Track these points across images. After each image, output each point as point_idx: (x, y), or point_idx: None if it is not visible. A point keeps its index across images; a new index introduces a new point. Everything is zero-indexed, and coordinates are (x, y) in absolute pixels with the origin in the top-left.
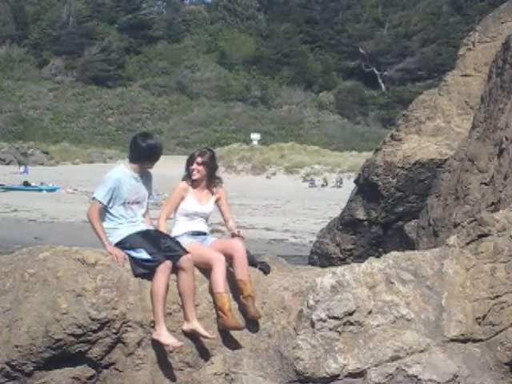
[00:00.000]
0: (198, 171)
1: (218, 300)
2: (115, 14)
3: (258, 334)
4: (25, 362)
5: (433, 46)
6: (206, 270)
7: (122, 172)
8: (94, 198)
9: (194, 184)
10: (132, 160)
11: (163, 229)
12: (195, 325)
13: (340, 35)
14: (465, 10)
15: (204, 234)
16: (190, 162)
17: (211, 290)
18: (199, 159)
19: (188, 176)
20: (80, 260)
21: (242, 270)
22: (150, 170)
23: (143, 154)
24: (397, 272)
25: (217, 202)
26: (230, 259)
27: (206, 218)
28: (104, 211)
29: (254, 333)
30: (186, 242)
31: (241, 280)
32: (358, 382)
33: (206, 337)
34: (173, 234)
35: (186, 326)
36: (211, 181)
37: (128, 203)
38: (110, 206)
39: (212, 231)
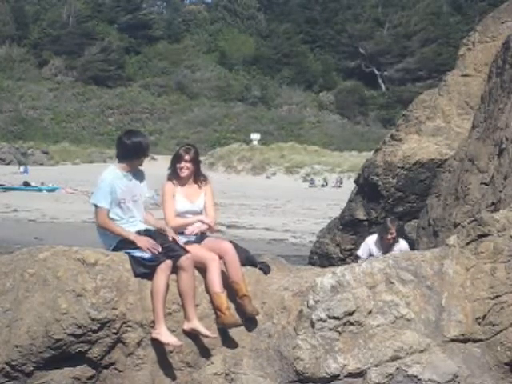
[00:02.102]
0: (187, 168)
1: (215, 300)
2: (115, 14)
3: (258, 333)
4: (25, 362)
5: (433, 46)
6: (201, 269)
7: (113, 173)
8: (96, 206)
9: (182, 182)
10: (120, 159)
11: (179, 223)
12: (196, 324)
13: (340, 35)
14: (465, 9)
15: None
16: (176, 160)
17: (208, 290)
18: (187, 157)
19: (174, 175)
20: (80, 260)
21: (234, 271)
22: (143, 169)
23: (129, 152)
24: (397, 272)
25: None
26: (220, 259)
27: (198, 215)
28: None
29: (254, 333)
30: (181, 241)
31: (234, 281)
32: (358, 381)
33: (206, 336)
34: None
35: (187, 326)
36: (198, 176)
37: (124, 203)
38: None
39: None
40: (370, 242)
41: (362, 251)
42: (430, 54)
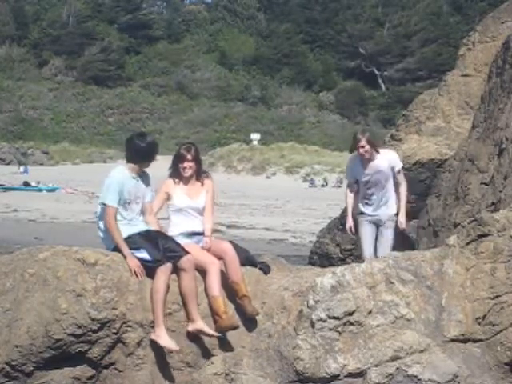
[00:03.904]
0: (190, 167)
1: (212, 303)
2: (115, 14)
3: (258, 333)
4: (25, 362)
5: (433, 46)
6: (200, 271)
7: (122, 173)
8: (104, 205)
9: (184, 181)
10: (131, 160)
11: (155, 226)
12: (200, 325)
13: (340, 35)
14: (465, 10)
15: (200, 233)
16: (179, 160)
17: (206, 293)
18: (189, 156)
19: (176, 174)
20: (80, 260)
21: (234, 272)
22: (149, 171)
23: (143, 154)
24: (397, 272)
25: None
26: (220, 259)
27: (200, 213)
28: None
29: (254, 333)
30: (181, 242)
31: (234, 281)
32: (358, 381)
33: (212, 335)
34: (168, 234)
35: (192, 327)
36: (200, 173)
37: (128, 204)
38: None
39: None
40: (351, 161)
41: (346, 175)
42: (429, 54)
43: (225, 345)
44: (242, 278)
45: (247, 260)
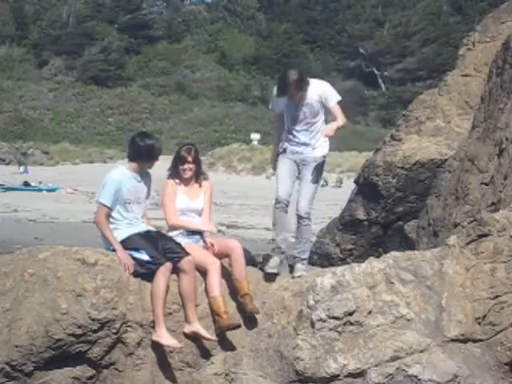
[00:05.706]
0: (190, 169)
1: (212, 304)
2: (115, 14)
3: (258, 333)
4: (25, 361)
5: (433, 46)
6: (201, 271)
7: (121, 173)
8: (99, 203)
9: (184, 182)
10: (131, 159)
11: (181, 223)
12: (196, 327)
13: (340, 35)
14: (465, 10)
15: (199, 233)
16: (179, 161)
17: (207, 293)
18: (190, 158)
19: (176, 175)
20: (80, 260)
21: (239, 269)
22: (149, 171)
23: (142, 154)
24: (397, 272)
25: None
26: (226, 257)
27: (199, 214)
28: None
29: (254, 333)
30: (181, 242)
31: (237, 279)
32: (358, 381)
33: (207, 339)
34: (168, 235)
35: (188, 329)
36: (199, 175)
37: (129, 204)
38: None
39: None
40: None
41: (271, 105)
42: (430, 54)
43: (225, 345)
44: (246, 276)
45: (250, 260)
